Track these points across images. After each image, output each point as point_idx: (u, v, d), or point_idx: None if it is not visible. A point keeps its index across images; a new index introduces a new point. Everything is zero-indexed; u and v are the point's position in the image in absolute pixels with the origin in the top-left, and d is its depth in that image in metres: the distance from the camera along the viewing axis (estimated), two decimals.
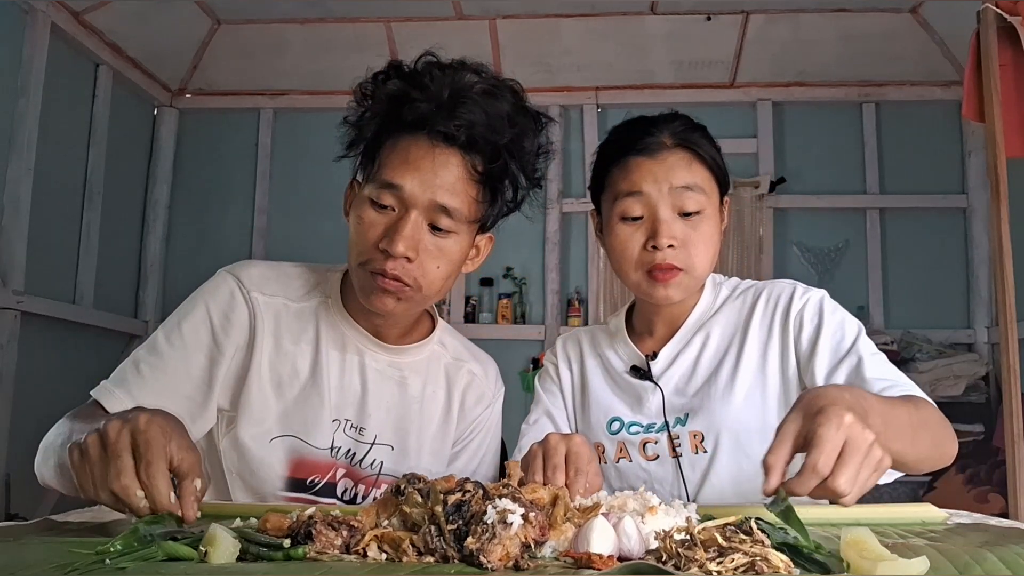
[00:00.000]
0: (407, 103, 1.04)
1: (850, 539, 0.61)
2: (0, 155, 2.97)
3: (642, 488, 0.84)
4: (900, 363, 3.38)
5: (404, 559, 0.66)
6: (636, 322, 1.33)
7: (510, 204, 1.13)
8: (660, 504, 0.78)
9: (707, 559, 0.60)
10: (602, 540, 0.65)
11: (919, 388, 1.08)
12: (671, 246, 1.15)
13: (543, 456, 0.94)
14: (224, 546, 0.64)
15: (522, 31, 3.72)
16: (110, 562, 0.62)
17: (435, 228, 1.05)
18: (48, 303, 3.17)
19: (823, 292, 1.21)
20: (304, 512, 0.72)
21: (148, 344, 1.12)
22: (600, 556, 0.63)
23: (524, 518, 0.65)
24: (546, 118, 1.13)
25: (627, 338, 1.31)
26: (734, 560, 0.60)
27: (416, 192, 1.03)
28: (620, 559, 0.65)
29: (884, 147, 3.84)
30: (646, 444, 1.22)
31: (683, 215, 1.16)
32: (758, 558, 0.60)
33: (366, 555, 0.67)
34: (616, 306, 3.75)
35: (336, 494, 1.15)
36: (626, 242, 1.18)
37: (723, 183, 1.23)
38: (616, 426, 1.26)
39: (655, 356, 1.26)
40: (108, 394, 1.05)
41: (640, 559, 0.65)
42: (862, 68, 3.75)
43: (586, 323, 3.82)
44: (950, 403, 3.29)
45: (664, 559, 0.62)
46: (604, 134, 1.28)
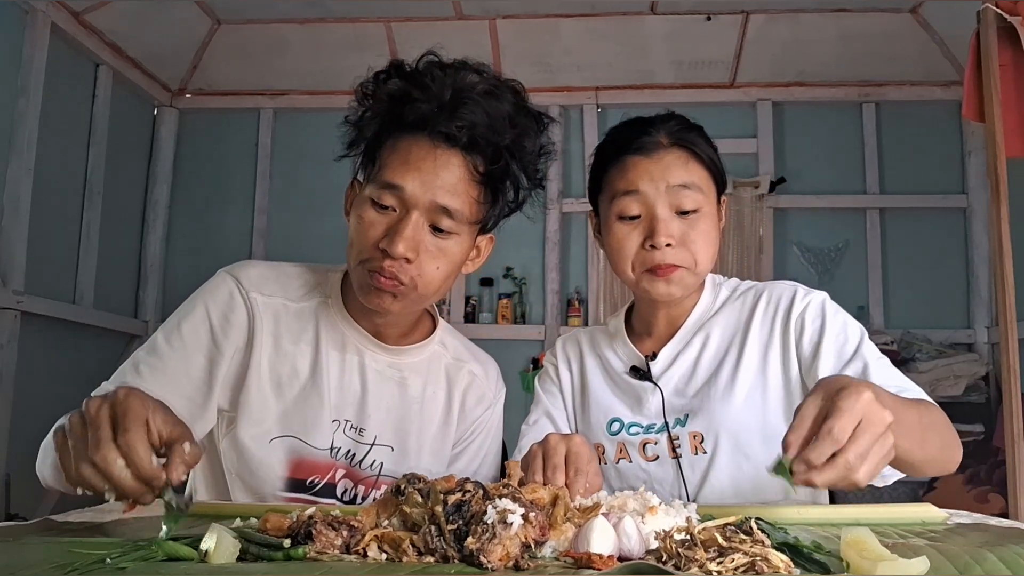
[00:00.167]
0: (408, 103, 1.04)
1: (850, 539, 0.61)
2: (0, 155, 2.97)
3: (642, 488, 0.84)
4: (900, 363, 3.38)
5: (404, 559, 0.66)
6: (635, 322, 1.33)
7: (511, 205, 1.13)
8: (660, 504, 0.78)
9: (707, 559, 0.61)
10: (602, 540, 0.65)
11: (924, 392, 1.08)
12: (669, 245, 1.15)
13: (543, 456, 0.94)
14: (224, 546, 0.64)
15: (522, 31, 3.72)
16: (110, 562, 0.62)
17: (436, 229, 1.05)
18: (48, 303, 3.17)
19: (824, 294, 1.21)
20: (304, 512, 0.72)
21: (148, 345, 1.12)
22: (600, 556, 0.63)
23: (524, 518, 0.65)
24: (547, 118, 1.13)
25: (626, 338, 1.31)
26: (734, 560, 0.60)
27: (417, 193, 1.03)
28: (620, 559, 0.65)
29: (884, 147, 3.84)
30: (646, 445, 1.22)
31: (680, 213, 1.16)
32: (758, 558, 0.60)
33: (366, 555, 0.67)
34: (616, 306, 3.75)
35: (336, 495, 1.15)
36: (623, 241, 1.18)
37: (720, 182, 1.23)
38: (616, 427, 1.26)
39: (654, 356, 1.26)
40: None
41: (640, 559, 0.65)
42: (862, 68, 3.75)
43: (586, 323, 3.82)
44: (950, 403, 3.29)
45: (664, 559, 0.62)
46: (604, 134, 1.28)
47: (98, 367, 3.21)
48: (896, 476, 1.05)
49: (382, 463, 1.18)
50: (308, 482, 1.14)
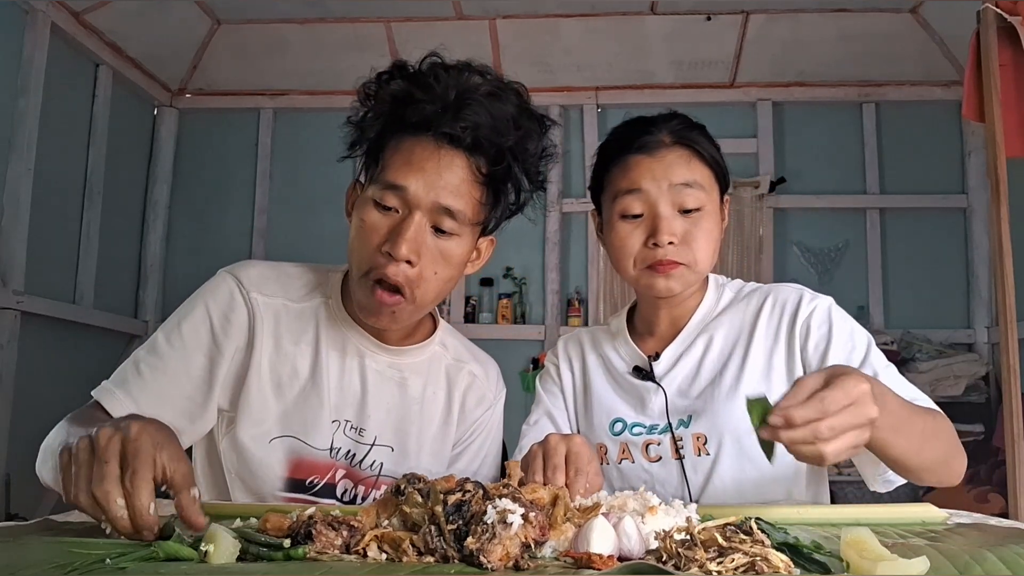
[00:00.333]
0: (411, 104, 1.03)
1: (850, 539, 0.61)
2: (0, 155, 2.97)
3: (642, 488, 0.84)
4: (900, 363, 3.38)
5: (404, 559, 0.66)
6: (637, 322, 1.32)
7: (512, 206, 1.13)
8: (660, 504, 0.77)
9: (707, 559, 0.60)
10: (602, 540, 0.65)
11: (932, 401, 1.08)
12: (671, 243, 1.14)
13: (543, 456, 0.94)
14: (224, 546, 0.64)
15: (522, 31, 3.72)
16: (110, 562, 0.62)
17: (438, 230, 1.05)
18: (48, 303, 3.17)
19: (830, 300, 1.20)
20: (304, 512, 0.72)
21: (148, 345, 1.12)
22: (600, 556, 0.63)
23: (524, 518, 0.65)
24: (549, 121, 1.13)
25: (628, 338, 1.30)
26: (734, 560, 0.60)
27: (420, 193, 1.03)
28: (620, 559, 0.65)
29: (884, 147, 3.84)
30: (649, 445, 1.22)
31: (683, 212, 1.16)
32: (758, 558, 0.60)
33: (366, 555, 0.67)
34: (616, 306, 3.75)
35: (336, 495, 1.15)
36: (626, 239, 1.18)
37: (723, 181, 1.22)
38: (619, 427, 1.25)
39: (657, 357, 1.25)
40: (109, 395, 1.05)
41: (640, 559, 0.65)
42: (862, 68, 3.75)
43: (586, 323, 3.82)
44: (950, 403, 3.29)
45: (664, 559, 0.62)
46: (604, 134, 1.28)
47: (98, 367, 3.21)
48: (899, 481, 1.05)
49: (382, 463, 1.17)
50: (308, 482, 1.14)
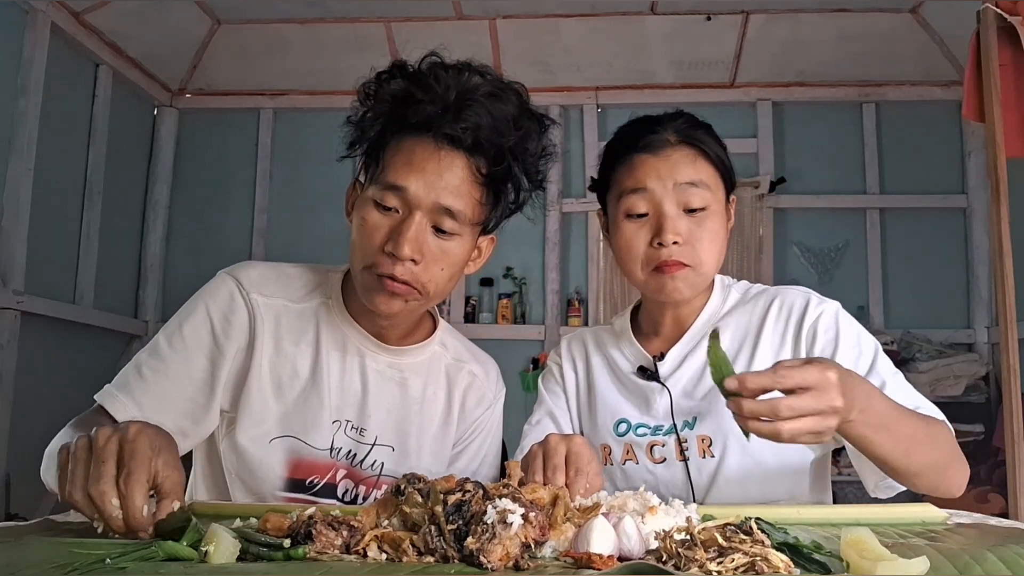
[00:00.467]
0: (412, 104, 1.03)
1: (850, 539, 0.61)
2: (0, 155, 2.97)
3: (642, 488, 0.84)
4: (900, 363, 3.37)
5: (404, 559, 0.66)
6: (642, 322, 1.31)
7: (512, 205, 1.13)
8: (660, 504, 0.77)
9: (707, 559, 0.60)
10: (602, 540, 0.65)
11: (940, 412, 1.07)
12: (676, 243, 1.14)
13: (543, 456, 0.94)
14: (224, 546, 0.64)
15: (522, 31, 3.71)
16: (110, 562, 0.62)
17: (439, 230, 1.05)
18: (48, 303, 3.17)
19: (837, 304, 1.20)
20: (304, 512, 0.72)
21: (150, 347, 1.12)
22: (600, 556, 0.63)
23: (524, 518, 0.65)
24: (549, 120, 1.13)
25: (633, 338, 1.29)
26: (734, 560, 0.60)
27: (420, 194, 1.03)
28: (620, 559, 0.65)
29: (884, 147, 3.84)
30: (653, 447, 1.21)
31: (688, 211, 1.15)
32: (758, 558, 0.60)
33: (366, 555, 0.67)
34: (616, 306, 3.75)
35: (337, 495, 1.15)
36: (632, 239, 1.17)
37: (729, 181, 1.22)
38: (623, 427, 1.24)
39: (662, 357, 1.24)
40: (111, 398, 1.06)
41: (640, 559, 0.65)
42: (862, 68, 3.75)
43: (586, 323, 3.82)
44: (950, 403, 3.29)
45: (664, 559, 0.62)
46: (604, 134, 1.28)
47: (98, 367, 3.21)
48: (898, 488, 1.05)
49: (383, 463, 1.17)
50: (308, 482, 1.14)
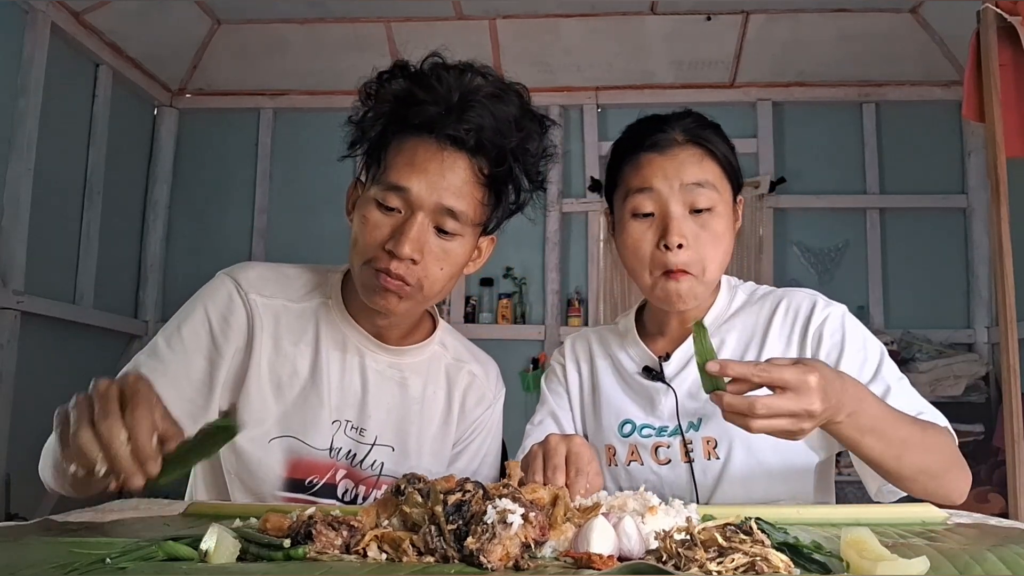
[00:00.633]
0: (414, 105, 1.03)
1: (850, 539, 0.61)
2: (0, 155, 2.97)
3: (642, 488, 0.84)
4: (900, 363, 3.37)
5: (404, 559, 0.66)
6: (647, 322, 1.30)
7: (512, 206, 1.13)
8: (660, 504, 0.77)
9: (707, 559, 0.60)
10: (602, 540, 0.65)
11: (944, 419, 1.07)
12: (681, 245, 1.13)
13: (543, 456, 0.94)
14: (224, 546, 0.64)
15: (522, 31, 3.71)
16: (110, 562, 0.62)
17: (440, 231, 1.05)
18: (48, 303, 3.17)
19: (843, 308, 1.19)
20: (304, 512, 0.72)
21: (148, 348, 1.12)
22: (600, 556, 0.63)
23: (524, 518, 0.65)
24: (549, 121, 1.13)
25: (637, 338, 1.28)
26: (734, 560, 0.60)
27: (423, 194, 1.03)
28: (620, 559, 0.65)
29: (884, 147, 3.84)
30: (658, 448, 1.20)
31: (694, 212, 1.14)
32: (758, 558, 0.60)
33: (366, 555, 0.67)
34: (616, 306, 3.75)
35: (336, 495, 1.15)
36: (638, 240, 1.16)
37: (736, 181, 1.21)
38: (628, 428, 1.24)
39: (668, 357, 1.24)
40: None
41: (640, 559, 0.65)
42: (862, 68, 3.75)
43: (586, 323, 3.82)
44: (950, 403, 3.29)
45: (664, 559, 0.62)
46: (604, 134, 1.28)
47: (98, 367, 3.20)
48: (898, 494, 1.05)
49: (383, 463, 1.17)
50: (307, 482, 1.14)
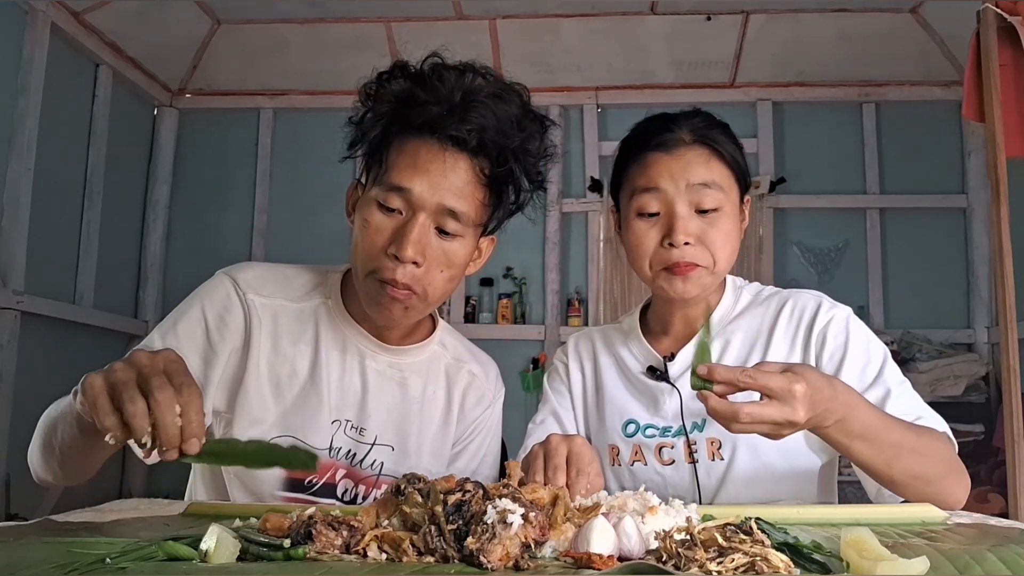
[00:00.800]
0: (415, 105, 1.03)
1: (850, 539, 0.61)
2: (0, 155, 2.97)
3: (642, 488, 0.84)
4: (900, 363, 3.37)
5: (404, 559, 0.65)
6: (652, 321, 1.30)
7: (512, 206, 1.12)
8: (660, 504, 0.77)
9: (707, 559, 0.60)
10: (602, 540, 0.65)
11: (944, 424, 1.07)
12: (687, 243, 1.13)
13: (544, 456, 0.93)
14: (224, 546, 0.64)
15: (522, 31, 3.72)
16: (110, 562, 0.62)
17: (442, 231, 1.05)
18: (48, 303, 3.17)
19: (848, 310, 1.19)
20: (304, 512, 0.72)
21: (145, 344, 1.11)
22: (600, 556, 0.63)
23: (524, 518, 0.65)
24: (550, 121, 1.13)
25: (642, 338, 1.28)
26: (734, 560, 0.60)
27: (425, 195, 1.03)
28: (620, 559, 0.65)
29: (884, 147, 3.84)
30: (662, 448, 1.20)
31: (700, 212, 1.14)
32: (758, 558, 0.60)
33: (366, 555, 0.67)
34: (616, 306, 3.75)
35: (336, 495, 1.15)
36: (642, 238, 1.16)
37: (743, 181, 1.21)
38: (632, 428, 1.24)
39: (672, 357, 1.24)
40: None
41: (640, 559, 0.65)
42: (862, 68, 3.75)
43: (586, 323, 3.82)
44: (950, 403, 3.29)
45: (664, 559, 0.62)
46: (604, 134, 1.28)
47: (98, 367, 3.21)
48: (897, 499, 1.05)
49: (382, 463, 1.17)
50: (307, 482, 1.13)
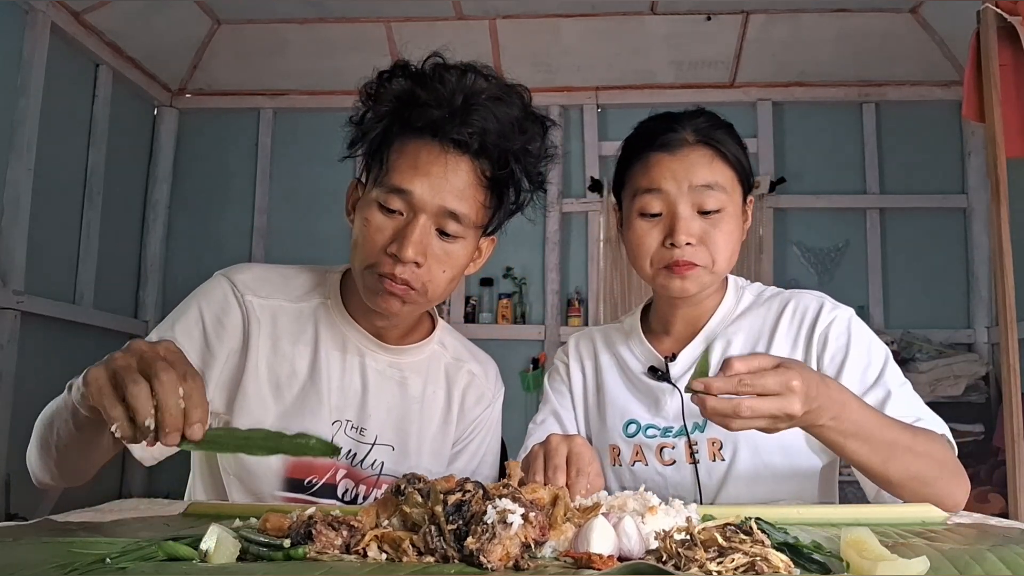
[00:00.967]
0: (416, 106, 1.03)
1: (850, 539, 0.61)
2: (0, 155, 2.97)
3: (642, 488, 0.84)
4: (900, 363, 3.37)
5: (404, 559, 0.65)
6: (653, 321, 1.30)
7: (513, 206, 1.12)
8: (660, 504, 0.77)
9: (707, 559, 0.60)
10: (602, 540, 0.65)
11: (944, 426, 1.07)
12: (689, 244, 1.13)
13: (544, 456, 0.93)
14: (224, 546, 0.64)
15: (522, 31, 3.72)
16: (110, 562, 0.62)
17: (443, 233, 1.05)
18: (48, 303, 3.17)
19: (851, 311, 1.19)
20: (304, 512, 0.72)
21: None
22: (600, 556, 0.63)
23: (524, 518, 0.65)
24: (550, 122, 1.13)
25: (643, 337, 1.28)
26: (734, 560, 0.60)
27: (426, 197, 1.03)
28: (620, 559, 0.65)
29: (884, 147, 3.84)
30: (663, 449, 1.20)
31: (702, 213, 1.14)
32: (758, 558, 0.60)
33: (366, 555, 0.67)
34: (616, 306, 3.75)
35: (336, 495, 1.15)
36: (644, 238, 1.16)
37: (746, 182, 1.20)
38: (633, 428, 1.23)
39: (674, 357, 1.23)
40: None
41: (640, 559, 0.65)
42: (862, 68, 3.75)
43: (586, 323, 3.82)
44: (950, 403, 3.29)
45: (664, 559, 0.62)
46: (604, 134, 1.28)
47: None
48: (896, 500, 1.05)
49: (383, 463, 1.17)
50: (307, 482, 1.13)
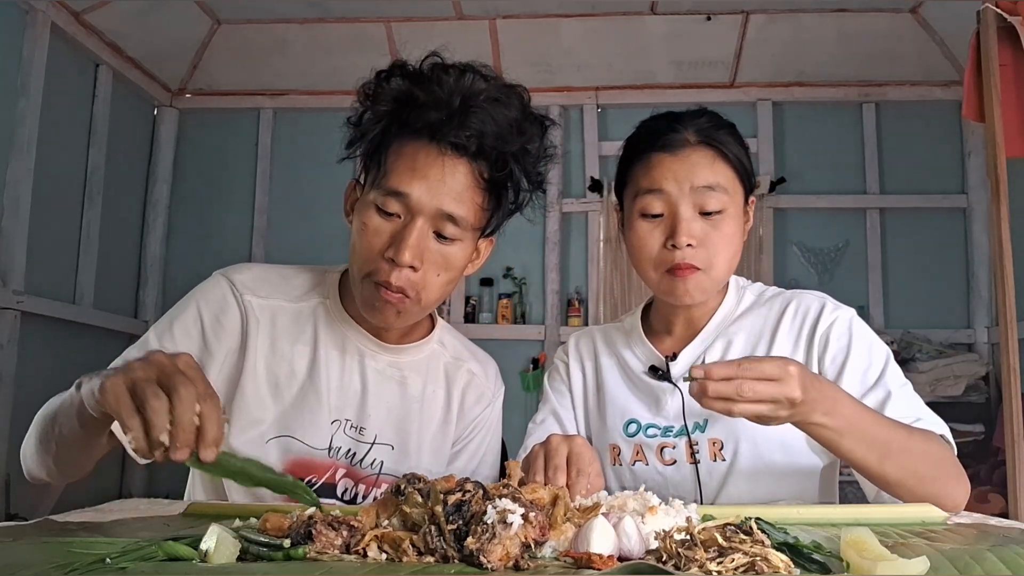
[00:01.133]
0: (414, 108, 1.03)
1: (850, 539, 0.61)
2: (0, 155, 2.97)
3: (642, 488, 0.84)
4: (900, 363, 3.37)
5: (404, 559, 0.65)
6: (654, 321, 1.30)
7: (511, 207, 1.12)
8: (660, 504, 0.77)
9: (707, 559, 0.60)
10: (602, 540, 0.65)
11: (944, 427, 1.07)
12: (690, 245, 1.13)
13: (545, 456, 0.93)
14: (224, 546, 0.64)
15: (522, 31, 3.71)
16: (110, 562, 0.62)
17: (440, 236, 1.05)
18: (48, 303, 3.17)
19: (852, 311, 1.19)
20: (304, 512, 0.72)
21: (139, 344, 1.12)
22: (600, 556, 0.63)
23: (524, 518, 0.65)
24: (550, 122, 1.12)
25: (644, 337, 1.28)
26: (734, 560, 0.60)
27: (423, 200, 1.02)
28: (620, 559, 0.65)
29: (884, 147, 3.84)
30: (664, 448, 1.20)
31: (704, 214, 1.14)
32: (758, 558, 0.60)
33: (366, 555, 0.67)
34: (616, 306, 3.75)
35: (336, 494, 1.15)
36: (645, 239, 1.16)
37: (748, 182, 1.20)
38: (633, 428, 1.23)
39: (675, 357, 1.23)
40: None
41: (640, 559, 0.65)
42: (862, 68, 3.75)
43: (586, 323, 3.82)
44: (950, 403, 3.29)
45: (664, 559, 0.62)
46: (604, 134, 1.28)
47: (98, 367, 3.21)
48: (896, 501, 1.05)
49: (382, 462, 1.17)
50: (306, 482, 1.13)
